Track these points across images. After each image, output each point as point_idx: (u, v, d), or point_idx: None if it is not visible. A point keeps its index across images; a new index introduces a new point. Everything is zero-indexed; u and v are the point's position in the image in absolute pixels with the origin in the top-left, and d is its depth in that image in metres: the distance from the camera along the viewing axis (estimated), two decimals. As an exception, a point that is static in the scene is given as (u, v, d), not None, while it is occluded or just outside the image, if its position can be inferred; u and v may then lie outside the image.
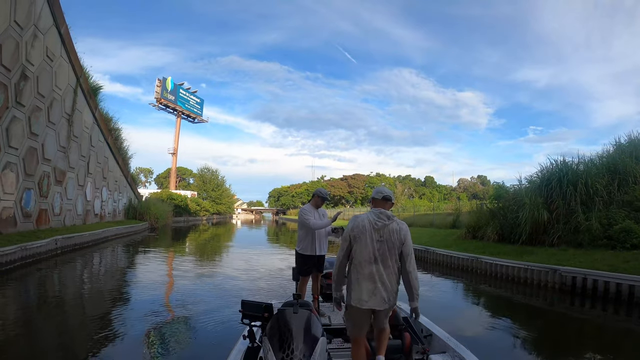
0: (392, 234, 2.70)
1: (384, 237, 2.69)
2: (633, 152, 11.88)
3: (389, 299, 2.69)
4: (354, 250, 2.75)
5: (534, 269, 9.19)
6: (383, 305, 2.68)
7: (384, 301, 2.68)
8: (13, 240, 10.66)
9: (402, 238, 2.71)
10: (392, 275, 2.71)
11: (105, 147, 22.18)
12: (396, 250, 2.72)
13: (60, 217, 16.25)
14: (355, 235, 2.73)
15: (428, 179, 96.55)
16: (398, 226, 2.73)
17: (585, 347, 5.57)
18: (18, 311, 6.64)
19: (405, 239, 2.73)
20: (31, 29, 12.49)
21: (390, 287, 2.70)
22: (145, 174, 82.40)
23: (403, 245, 2.72)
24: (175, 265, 12.61)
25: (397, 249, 2.71)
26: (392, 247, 2.70)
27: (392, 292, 2.72)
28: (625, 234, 9.16)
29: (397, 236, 2.71)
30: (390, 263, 2.71)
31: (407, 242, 2.73)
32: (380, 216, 2.73)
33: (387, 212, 2.77)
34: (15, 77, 11.79)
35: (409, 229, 2.83)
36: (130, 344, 4.91)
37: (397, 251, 2.72)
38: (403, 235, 2.72)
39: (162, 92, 59.89)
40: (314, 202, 4.69)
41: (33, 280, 9.27)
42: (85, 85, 18.11)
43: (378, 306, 2.68)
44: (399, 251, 2.72)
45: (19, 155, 12.47)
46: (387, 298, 2.69)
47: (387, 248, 2.69)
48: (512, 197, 12.71)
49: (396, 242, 2.70)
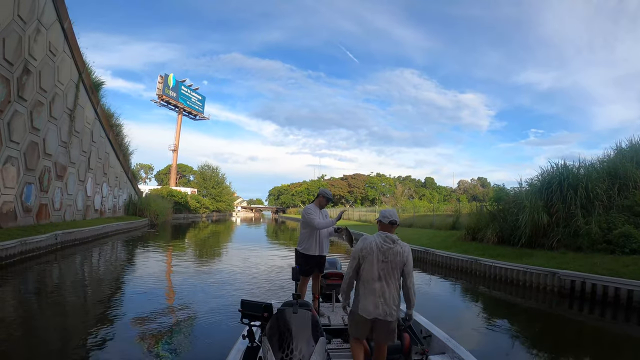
0: (396, 256, 3.03)
1: (388, 259, 3.02)
2: (634, 156, 11.85)
3: (390, 312, 3.00)
4: (362, 268, 3.09)
5: (533, 271, 9.20)
6: (385, 316, 2.99)
7: (386, 314, 2.99)
8: (13, 235, 10.67)
9: (404, 260, 3.05)
10: (393, 290, 3.03)
11: (107, 142, 22.19)
12: (398, 270, 3.05)
13: (60, 212, 16.27)
14: (363, 255, 3.08)
15: (428, 180, 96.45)
16: (401, 249, 3.06)
17: (583, 350, 5.59)
18: (15, 306, 6.66)
19: (407, 260, 3.06)
20: (34, 23, 12.48)
21: (392, 302, 3.01)
22: (146, 170, 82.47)
23: (405, 265, 3.05)
24: (174, 263, 12.62)
25: (399, 268, 3.05)
26: (394, 267, 3.04)
27: (393, 306, 3.02)
28: (625, 239, 9.15)
29: (399, 258, 3.03)
30: (392, 281, 3.04)
31: (409, 263, 3.07)
32: (386, 240, 3.06)
33: (392, 236, 3.09)
34: (18, 71, 11.79)
35: (410, 250, 3.15)
36: (129, 343, 4.90)
37: (399, 270, 3.06)
38: (405, 257, 3.06)
39: (164, 88, 59.90)
40: (318, 202, 4.70)
41: (32, 275, 9.28)
42: (87, 80, 18.11)
43: (380, 316, 2.99)
44: (400, 270, 3.06)
45: (20, 149, 12.48)
46: (389, 311, 2.99)
47: (390, 268, 3.03)
48: (512, 199, 12.70)
49: (399, 263, 3.04)
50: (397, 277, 3.06)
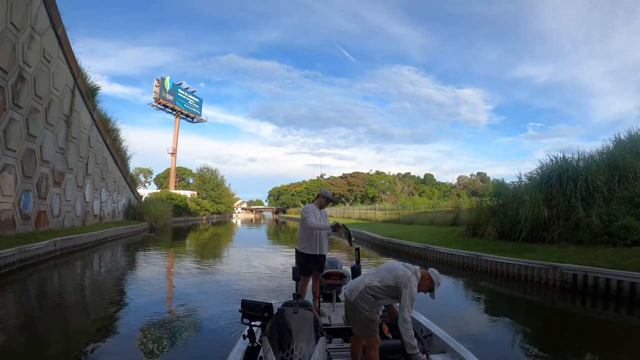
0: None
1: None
2: (633, 148, 11.85)
3: (355, 288, 3.08)
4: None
5: (535, 266, 9.17)
6: (350, 295, 3.07)
7: (350, 289, 3.12)
8: (12, 243, 10.62)
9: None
10: (372, 279, 3.09)
11: (104, 147, 22.13)
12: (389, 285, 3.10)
13: (59, 219, 16.22)
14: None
15: (428, 177, 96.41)
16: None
17: (586, 345, 5.56)
18: (15, 314, 6.62)
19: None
20: (28, 30, 12.42)
21: (360, 283, 3.09)
22: (145, 174, 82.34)
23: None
24: (175, 265, 12.58)
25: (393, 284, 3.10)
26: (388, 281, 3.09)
27: (358, 288, 3.06)
28: (626, 231, 9.14)
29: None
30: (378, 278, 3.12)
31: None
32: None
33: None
34: (12, 78, 11.74)
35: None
36: (130, 344, 4.90)
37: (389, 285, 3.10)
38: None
39: (161, 92, 59.79)
40: (318, 202, 4.73)
41: (31, 283, 9.24)
42: (83, 86, 18.05)
43: (347, 294, 3.13)
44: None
45: (17, 157, 12.42)
46: (353, 288, 3.09)
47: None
48: (512, 194, 12.68)
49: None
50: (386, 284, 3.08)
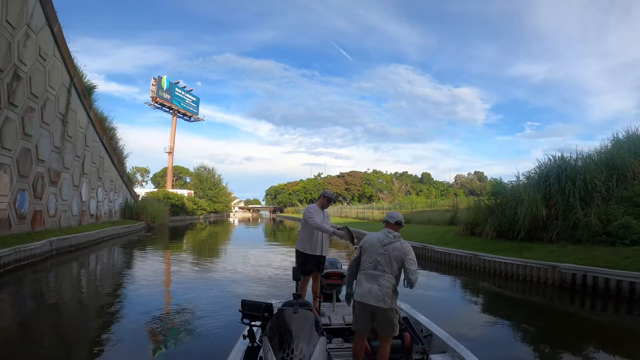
0: (395, 250, 3.25)
1: (387, 252, 3.26)
2: (631, 147, 11.87)
3: (383, 298, 3.12)
4: (362, 259, 3.37)
5: (534, 266, 9.18)
6: (378, 302, 3.11)
7: (378, 298, 3.13)
8: (7, 243, 10.52)
9: (402, 255, 3.23)
10: (388, 281, 3.18)
11: (101, 147, 21.99)
12: (396, 263, 3.22)
13: (55, 218, 16.10)
14: (365, 247, 3.40)
15: (425, 176, 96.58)
16: (401, 245, 3.28)
17: (586, 345, 5.55)
18: (10, 315, 6.55)
19: (406, 256, 3.22)
20: (23, 28, 12.30)
21: (386, 289, 3.16)
22: (142, 173, 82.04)
23: (404, 261, 3.21)
24: (172, 265, 12.50)
25: (398, 262, 3.23)
26: (393, 260, 3.23)
27: (386, 294, 3.14)
28: (625, 230, 9.15)
29: (398, 253, 3.24)
30: (388, 271, 3.22)
31: (408, 256, 3.22)
32: (388, 235, 3.34)
33: (395, 233, 3.35)
34: (8, 77, 11.62)
35: (411, 248, 3.34)
36: (129, 345, 4.87)
37: (397, 264, 3.23)
38: (404, 252, 3.24)
39: (158, 91, 59.51)
40: (320, 203, 4.74)
41: (27, 283, 9.14)
42: (79, 84, 17.91)
43: (374, 302, 3.12)
44: (399, 264, 3.23)
45: (13, 156, 12.30)
46: (382, 297, 3.12)
47: (388, 260, 3.23)
48: (510, 193, 12.67)
49: (397, 257, 3.23)
50: (394, 269, 3.21)
